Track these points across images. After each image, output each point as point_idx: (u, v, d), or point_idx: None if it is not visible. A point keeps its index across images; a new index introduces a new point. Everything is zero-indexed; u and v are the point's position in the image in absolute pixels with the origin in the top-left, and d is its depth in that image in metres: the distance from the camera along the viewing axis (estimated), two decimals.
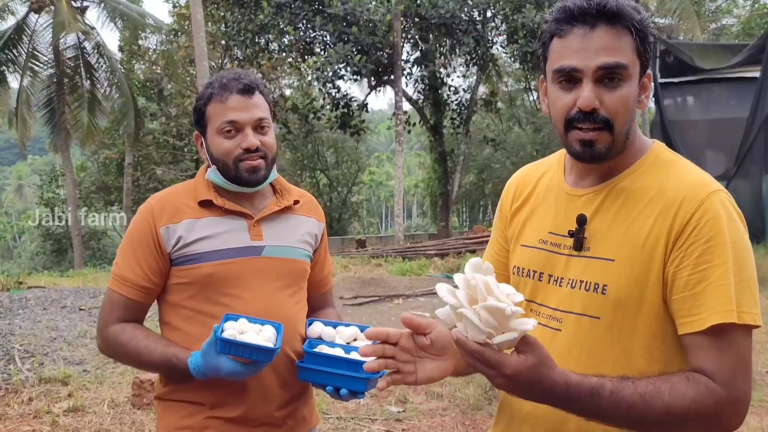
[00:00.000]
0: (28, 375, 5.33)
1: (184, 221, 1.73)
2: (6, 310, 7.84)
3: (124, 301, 1.73)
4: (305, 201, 1.93)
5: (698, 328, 1.18)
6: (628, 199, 1.29)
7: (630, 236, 1.26)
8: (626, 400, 1.13)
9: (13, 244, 39.98)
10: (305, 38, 18.08)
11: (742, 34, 26.17)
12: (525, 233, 1.45)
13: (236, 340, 1.51)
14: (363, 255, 15.69)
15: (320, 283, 2.01)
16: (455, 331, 1.08)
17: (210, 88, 1.76)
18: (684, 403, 1.14)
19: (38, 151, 53.82)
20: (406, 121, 20.04)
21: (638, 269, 1.24)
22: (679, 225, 1.21)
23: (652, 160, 1.33)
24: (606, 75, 1.22)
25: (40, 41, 20.62)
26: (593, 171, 1.34)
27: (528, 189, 1.48)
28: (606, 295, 1.26)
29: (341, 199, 32.50)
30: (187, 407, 1.73)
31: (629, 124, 1.27)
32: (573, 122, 1.25)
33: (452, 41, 18.62)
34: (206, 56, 13.72)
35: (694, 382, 1.16)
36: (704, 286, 1.18)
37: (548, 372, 1.10)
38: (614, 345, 1.27)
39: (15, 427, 4.29)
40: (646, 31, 1.24)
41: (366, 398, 4.92)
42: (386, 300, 9.70)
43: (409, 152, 47.95)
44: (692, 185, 1.25)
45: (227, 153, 1.73)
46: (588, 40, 1.22)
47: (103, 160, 26.19)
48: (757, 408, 4.85)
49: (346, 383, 1.64)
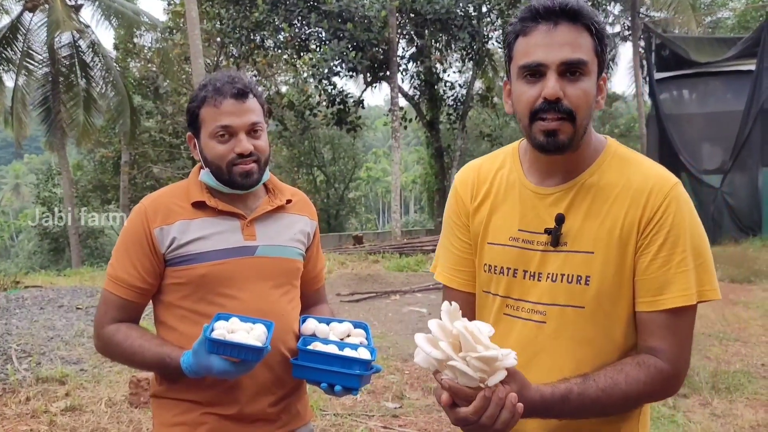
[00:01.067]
0: (26, 375, 5.34)
1: (177, 222, 1.75)
2: (3, 309, 7.84)
3: (119, 301, 1.75)
4: (297, 200, 1.95)
5: (658, 308, 1.32)
6: (597, 195, 1.38)
7: (606, 229, 1.36)
8: (591, 398, 1.28)
9: (11, 243, 39.92)
10: (300, 35, 18.05)
11: (737, 28, 26.18)
12: (490, 231, 1.50)
13: (225, 340, 1.52)
14: (360, 251, 15.70)
15: (313, 281, 2.03)
16: (445, 379, 1.16)
17: (204, 91, 1.77)
18: (638, 387, 1.30)
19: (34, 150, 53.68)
20: (402, 117, 20.05)
21: (617, 259, 1.35)
22: (648, 214, 1.34)
23: (611, 156, 1.43)
24: (568, 69, 1.30)
25: (35, 40, 20.57)
26: (557, 169, 1.42)
27: (485, 186, 1.53)
28: (589, 286, 1.36)
29: (338, 196, 32.50)
30: (182, 404, 1.75)
31: (588, 119, 1.35)
32: (538, 113, 1.32)
33: (448, 37, 18.59)
34: (201, 54, 13.70)
35: (644, 366, 1.31)
36: (665, 271, 1.32)
37: (528, 393, 1.21)
38: (598, 331, 1.37)
39: (12, 427, 4.30)
40: (603, 33, 1.34)
41: (362, 395, 4.93)
42: (383, 296, 9.71)
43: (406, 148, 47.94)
44: (656, 178, 1.37)
45: (221, 157, 1.74)
46: (551, 36, 1.31)
47: (99, 158, 26.12)
48: (752, 401, 4.88)
49: (340, 380, 1.65)
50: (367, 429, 4.28)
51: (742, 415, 4.56)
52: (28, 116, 22.00)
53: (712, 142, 19.30)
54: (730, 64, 18.67)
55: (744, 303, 9.01)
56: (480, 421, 1.15)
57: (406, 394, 5.01)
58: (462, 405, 1.16)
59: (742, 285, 10.69)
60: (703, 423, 4.41)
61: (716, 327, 7.46)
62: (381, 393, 5.03)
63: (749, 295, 9.73)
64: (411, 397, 4.96)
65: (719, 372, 5.46)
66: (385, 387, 5.17)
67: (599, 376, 1.30)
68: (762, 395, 5.00)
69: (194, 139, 1.83)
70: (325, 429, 4.27)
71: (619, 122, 32.80)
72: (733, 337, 6.99)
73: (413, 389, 5.18)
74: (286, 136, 24.73)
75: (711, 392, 4.99)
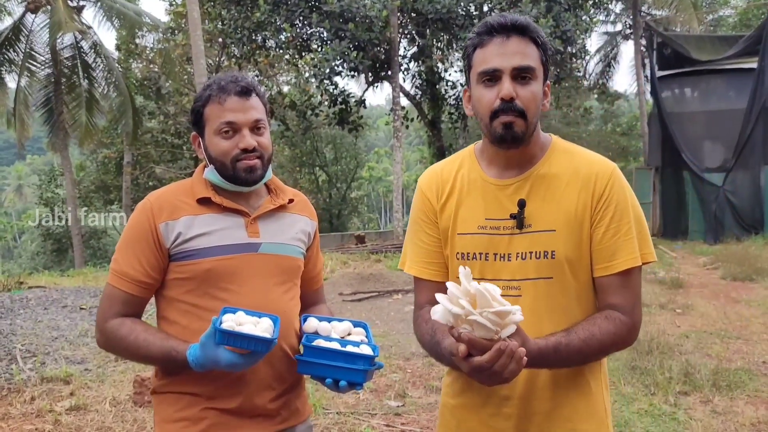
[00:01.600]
0: (30, 374, 5.37)
1: (183, 218, 1.77)
2: (7, 310, 7.88)
3: (123, 296, 1.77)
4: (299, 200, 1.99)
5: (613, 271, 1.58)
6: (551, 182, 1.63)
7: (563, 209, 1.60)
8: (575, 348, 1.52)
9: (14, 244, 39.99)
10: (302, 35, 18.05)
11: (739, 26, 26.16)
12: (459, 223, 1.69)
13: (235, 331, 1.55)
14: (362, 251, 15.72)
15: (312, 280, 2.06)
16: (464, 332, 1.32)
17: (208, 90, 1.81)
18: (609, 337, 1.55)
19: (37, 150, 53.76)
20: (404, 116, 20.04)
21: (575, 233, 1.59)
22: (598, 193, 1.60)
23: (556, 149, 1.68)
24: (519, 74, 1.55)
25: (37, 41, 20.59)
26: (513, 163, 1.65)
27: (449, 185, 1.74)
28: (555, 258, 1.59)
29: (340, 195, 32.51)
30: (183, 399, 1.76)
31: (537, 117, 1.60)
32: (498, 113, 1.56)
33: (449, 36, 18.58)
34: (203, 54, 13.73)
35: (611, 319, 1.57)
36: (615, 240, 1.58)
37: (528, 346, 1.41)
38: (566, 296, 1.61)
39: (18, 426, 4.33)
40: (547, 45, 1.60)
41: (365, 393, 4.95)
42: (385, 295, 9.73)
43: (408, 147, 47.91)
44: (598, 164, 1.64)
45: (225, 153, 1.78)
46: (505, 47, 1.55)
47: (101, 159, 26.17)
48: (753, 399, 4.89)
49: (345, 375, 1.69)
50: (369, 427, 4.30)
51: (743, 413, 4.58)
52: (31, 117, 22.03)
53: (714, 140, 19.29)
54: (732, 62, 18.67)
55: (746, 301, 9.02)
56: (492, 368, 1.33)
57: (408, 393, 5.04)
58: (476, 355, 1.34)
59: (744, 283, 10.70)
60: (704, 420, 4.43)
61: (718, 325, 7.47)
62: (383, 391, 5.05)
63: (751, 293, 9.74)
64: (413, 396, 4.98)
65: (720, 370, 5.47)
66: (388, 385, 5.20)
67: (578, 329, 1.54)
68: (763, 393, 5.01)
69: (199, 138, 1.86)
70: (328, 427, 4.30)
71: (621, 121, 32.78)
72: (735, 334, 7.00)
73: (415, 388, 5.20)
74: (288, 136, 24.74)
75: (712, 390, 5.01)
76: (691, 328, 7.31)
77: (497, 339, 1.32)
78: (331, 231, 28.02)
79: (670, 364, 5.58)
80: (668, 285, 10.32)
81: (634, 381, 5.24)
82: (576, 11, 16.74)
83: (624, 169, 30.38)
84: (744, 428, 4.32)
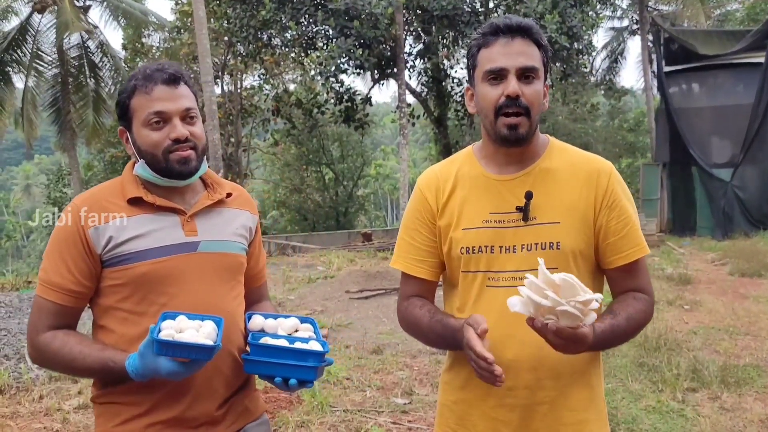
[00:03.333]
0: (39, 373, 5.39)
1: (113, 221, 1.67)
2: (16, 309, 7.92)
3: (54, 307, 1.66)
4: (238, 194, 1.89)
5: (630, 260, 1.69)
6: (553, 177, 1.70)
7: (567, 202, 1.68)
8: (622, 328, 1.62)
9: (22, 243, 40.19)
10: (307, 33, 18.04)
11: (747, 20, 25.97)
12: (463, 219, 1.74)
13: (173, 341, 1.46)
14: (369, 248, 15.74)
15: (256, 277, 1.97)
16: (552, 323, 1.39)
17: (133, 81, 1.70)
18: (644, 316, 1.69)
19: (45, 150, 53.99)
20: (410, 113, 20.02)
21: (579, 225, 1.67)
22: (602, 190, 1.69)
23: (554, 148, 1.76)
24: (524, 74, 1.62)
25: (44, 41, 20.68)
26: (513, 161, 1.72)
27: (450, 183, 1.78)
28: (560, 249, 1.66)
29: (347, 193, 32.49)
30: (123, 410, 1.67)
31: (539, 115, 1.68)
32: (502, 109, 1.62)
33: (455, 33, 18.53)
34: (209, 53, 13.75)
35: (641, 299, 1.70)
36: (626, 231, 1.68)
37: (595, 330, 1.50)
38: None
39: (26, 425, 4.35)
40: (547, 47, 1.68)
41: (371, 391, 4.96)
42: (392, 293, 9.72)
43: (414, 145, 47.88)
44: (597, 161, 1.74)
45: (155, 145, 1.68)
46: (510, 47, 1.63)
47: (109, 158, 26.21)
48: (761, 395, 4.87)
49: (295, 373, 1.62)
50: (376, 425, 4.31)
51: (752, 409, 4.56)
52: (38, 117, 22.13)
53: (722, 135, 19.17)
54: (739, 56, 18.55)
55: (754, 297, 8.97)
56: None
57: (415, 390, 5.04)
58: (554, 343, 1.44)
59: (752, 279, 10.64)
60: (712, 417, 4.41)
61: (726, 321, 7.43)
62: (390, 389, 5.06)
63: (759, 288, 9.68)
64: (420, 393, 4.98)
65: (728, 366, 5.44)
66: (394, 383, 5.20)
67: (619, 310, 1.65)
68: None
69: (126, 133, 1.76)
70: (334, 425, 4.30)
71: (628, 117, 32.64)
72: (743, 331, 6.97)
73: (422, 385, 5.20)
74: (295, 134, 24.73)
75: (720, 386, 4.98)
76: (699, 325, 7.28)
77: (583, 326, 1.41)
78: (338, 229, 28.03)
79: (678, 361, 5.55)
80: (676, 281, 10.28)
81: (641, 378, 5.22)
82: (582, 7, 16.65)
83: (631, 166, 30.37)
84: (752, 425, 4.30)
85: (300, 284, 10.89)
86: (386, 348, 6.40)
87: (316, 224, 30.10)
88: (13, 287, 10.11)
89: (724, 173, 18.44)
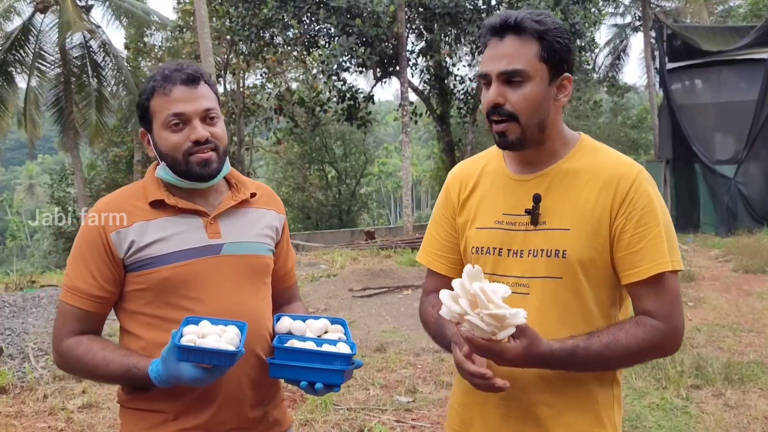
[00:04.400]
0: (43, 373, 5.41)
1: (135, 224, 1.64)
2: (20, 309, 7.93)
3: (78, 312, 1.64)
4: (263, 193, 1.85)
5: (642, 277, 1.50)
6: (571, 180, 1.57)
7: (580, 208, 1.55)
8: (595, 351, 1.46)
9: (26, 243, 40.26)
10: (309, 31, 18.04)
11: (749, 16, 25.91)
12: (478, 217, 1.68)
13: (194, 347, 1.44)
14: (372, 246, 15.72)
15: (284, 278, 1.94)
16: (463, 330, 1.37)
17: (152, 82, 1.67)
18: (637, 342, 1.48)
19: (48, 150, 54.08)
20: (412, 111, 20.00)
21: (590, 234, 1.54)
22: (620, 197, 1.52)
23: (582, 147, 1.62)
24: (508, 78, 1.50)
25: (47, 41, 20.69)
26: (530, 161, 1.61)
27: (473, 180, 1.72)
28: (566, 258, 1.54)
29: (350, 192, 32.52)
30: (150, 417, 1.65)
31: (537, 117, 1.53)
32: (490, 116, 1.54)
33: (457, 30, 18.51)
34: (211, 52, 13.73)
35: (642, 324, 1.50)
36: (644, 244, 1.50)
37: (538, 347, 1.41)
38: (575, 298, 1.56)
39: (31, 424, 4.36)
40: (551, 39, 1.50)
41: (375, 389, 4.96)
42: (396, 291, 9.72)
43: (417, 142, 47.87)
44: (624, 165, 1.56)
45: (176, 147, 1.64)
46: (496, 49, 1.52)
47: (112, 158, 26.30)
48: (765, 392, 4.86)
49: (321, 377, 1.58)
50: (380, 423, 4.31)
51: (756, 406, 4.55)
52: (41, 117, 22.16)
53: (725, 132, 19.13)
54: (742, 53, 18.50)
55: (758, 294, 8.95)
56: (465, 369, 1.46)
57: (418, 388, 5.03)
58: (474, 351, 1.42)
59: (756, 275, 10.62)
60: (716, 414, 4.40)
61: (730, 318, 7.42)
62: (394, 387, 5.05)
63: (763, 285, 9.66)
64: (423, 391, 4.98)
65: (732, 363, 5.44)
66: (398, 381, 5.20)
67: (602, 333, 1.49)
68: None
69: (147, 135, 1.73)
70: (338, 423, 4.30)
71: (630, 113, 32.62)
72: (747, 327, 6.95)
73: (426, 383, 5.19)
74: (297, 133, 24.73)
75: (724, 383, 4.98)
76: (702, 322, 7.26)
77: (496, 340, 1.36)
78: (341, 227, 28.05)
79: (682, 358, 5.54)
80: (680, 278, 10.22)
81: (645, 375, 5.21)
82: (584, 4, 16.64)
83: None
84: (757, 422, 4.30)
85: (303, 282, 10.89)
86: (389, 346, 6.40)
87: (319, 222, 30.14)
88: (17, 287, 10.13)
89: (727, 170, 18.40)
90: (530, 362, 1.43)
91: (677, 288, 1.54)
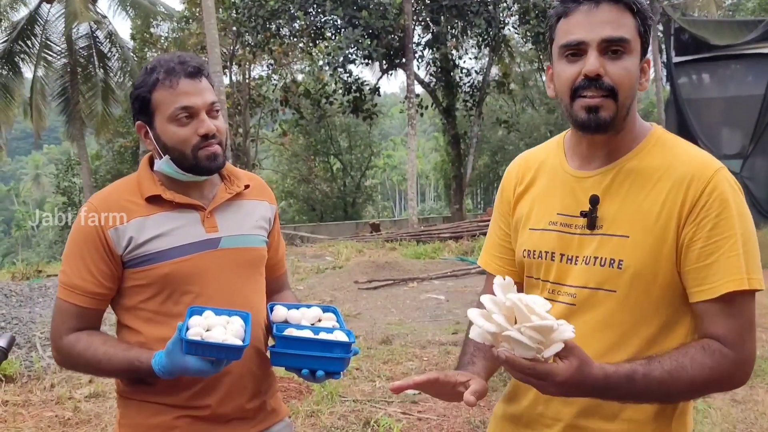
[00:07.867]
0: (50, 362, 5.42)
1: (133, 221, 1.62)
2: (26, 298, 7.96)
3: (76, 310, 1.63)
4: (255, 184, 1.84)
5: (712, 296, 1.28)
6: (637, 179, 1.36)
7: (643, 213, 1.33)
8: (656, 380, 1.23)
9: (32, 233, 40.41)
10: (316, 23, 18.04)
11: (758, 10, 25.75)
12: (533, 217, 1.49)
13: (203, 341, 1.43)
14: (377, 239, 15.74)
15: (275, 267, 1.93)
16: (502, 351, 1.14)
17: (155, 74, 1.62)
18: (704, 372, 1.25)
19: (54, 140, 54.15)
20: (418, 104, 19.98)
21: (652, 243, 1.31)
22: (691, 201, 1.29)
23: (654, 141, 1.40)
24: (610, 47, 1.29)
25: (53, 31, 20.75)
26: (597, 153, 1.40)
27: (531, 174, 1.53)
28: (622, 270, 1.33)
29: (355, 184, 32.50)
30: (152, 408, 1.65)
31: (631, 98, 1.34)
32: (578, 90, 1.31)
33: (464, 23, 18.48)
34: (218, 43, 13.73)
35: (710, 351, 1.26)
36: (717, 257, 1.27)
37: (590, 370, 1.18)
38: (629, 315, 1.34)
39: (38, 413, 4.38)
40: (646, 14, 1.32)
41: (381, 381, 4.96)
42: (401, 283, 9.74)
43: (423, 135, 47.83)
44: (698, 164, 1.32)
45: (184, 141, 1.62)
46: (592, 15, 1.30)
47: (117, 148, 26.34)
48: None
49: (323, 365, 1.58)
50: (386, 415, 4.31)
51: (763, 401, 4.54)
52: (47, 107, 22.22)
53: (732, 126, 19.05)
54: (750, 47, 18.38)
55: (765, 289, 8.92)
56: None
57: None
58: (515, 376, 1.19)
59: (763, 270, 10.59)
60: (723, 409, 4.40)
61: None
62: (399, 379, 5.05)
63: None
64: None
65: None
66: (404, 374, 5.20)
67: (664, 358, 1.26)
68: None
69: (145, 128, 1.68)
70: (344, 415, 4.31)
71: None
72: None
73: None
74: (303, 125, 24.76)
75: None
76: None
77: (541, 359, 1.14)
78: (346, 219, 28.05)
79: None
80: None
81: None
82: None
83: None
84: (764, 417, 4.29)
85: (309, 274, 10.91)
86: (395, 338, 6.41)
87: (324, 214, 30.16)
88: (23, 276, 10.17)
89: (733, 164, 18.29)
90: (582, 388, 1.20)
91: (752, 311, 1.33)
